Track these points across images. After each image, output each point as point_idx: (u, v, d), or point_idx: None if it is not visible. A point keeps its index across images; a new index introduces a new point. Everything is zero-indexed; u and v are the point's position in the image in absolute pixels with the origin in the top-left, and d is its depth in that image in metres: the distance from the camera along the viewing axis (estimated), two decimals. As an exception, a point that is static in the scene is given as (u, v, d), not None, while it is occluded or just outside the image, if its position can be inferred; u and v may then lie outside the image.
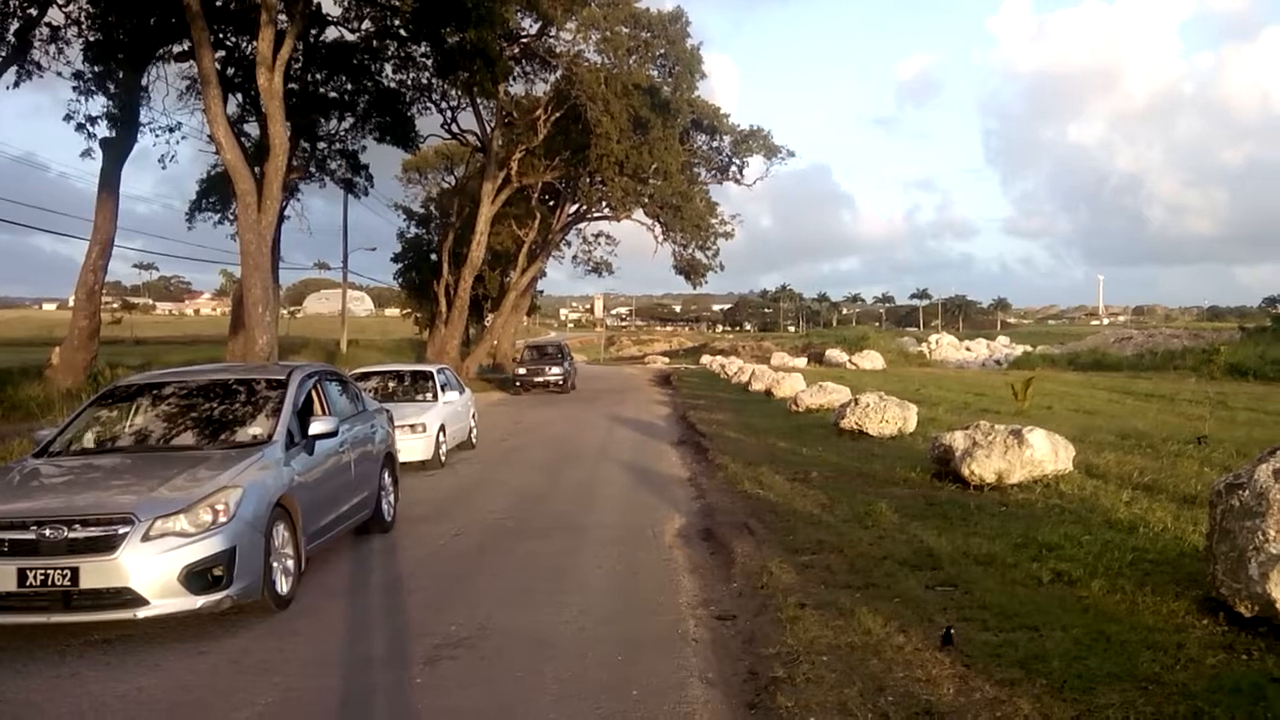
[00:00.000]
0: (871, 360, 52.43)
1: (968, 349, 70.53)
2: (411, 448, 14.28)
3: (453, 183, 54.15)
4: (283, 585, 7.27)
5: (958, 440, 11.54)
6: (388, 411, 11.34)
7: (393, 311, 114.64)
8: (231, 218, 32.56)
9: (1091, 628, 5.92)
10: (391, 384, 17.41)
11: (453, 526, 10.59)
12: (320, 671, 6.05)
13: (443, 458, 15.21)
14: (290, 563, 7.45)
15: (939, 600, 6.74)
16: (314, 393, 9.00)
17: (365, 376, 17.53)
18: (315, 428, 8.21)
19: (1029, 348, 66.54)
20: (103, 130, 25.63)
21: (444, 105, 40.52)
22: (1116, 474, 11.53)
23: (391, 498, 10.48)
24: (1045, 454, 11.03)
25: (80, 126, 25.64)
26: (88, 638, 6.69)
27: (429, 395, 16.45)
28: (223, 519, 6.65)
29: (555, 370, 34.11)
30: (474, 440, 17.96)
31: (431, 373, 17.42)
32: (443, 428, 15.42)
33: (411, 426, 14.43)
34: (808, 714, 4.91)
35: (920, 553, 8.07)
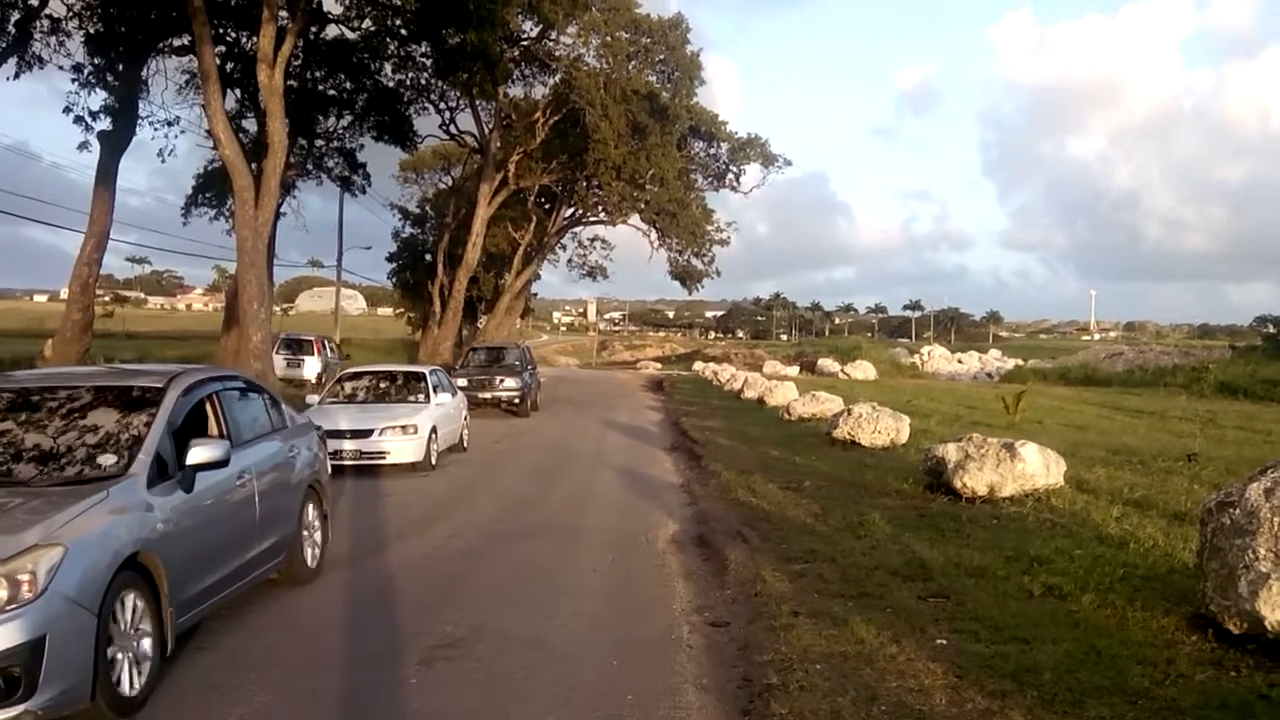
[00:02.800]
0: (864, 370, 52.51)
1: (959, 361, 70.59)
2: (403, 449, 14.34)
3: (449, 183, 54.25)
4: (129, 682, 5.19)
5: (950, 452, 11.60)
6: (317, 428, 9.26)
7: (385, 311, 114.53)
8: (227, 213, 32.65)
9: (1082, 641, 5.98)
10: (384, 384, 17.16)
11: (445, 529, 10.59)
12: None
13: (434, 460, 15.04)
14: (147, 645, 5.36)
15: (931, 611, 6.79)
16: (208, 406, 6.95)
17: (356, 376, 17.53)
18: (195, 455, 6.13)
19: (1020, 361, 66.58)
20: (101, 123, 25.67)
21: (443, 106, 40.66)
22: (1107, 489, 11.59)
23: (318, 536, 8.36)
24: (1037, 468, 11.10)
25: (79, 119, 25.69)
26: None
27: (421, 396, 16.23)
28: (26, 594, 4.59)
29: (509, 384, 25.10)
30: (466, 443, 17.72)
31: (424, 374, 17.11)
32: (434, 429, 15.20)
33: (403, 427, 14.41)
34: (801, 721, 4.94)
35: (913, 563, 8.12)
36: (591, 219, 51.52)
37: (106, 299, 77.63)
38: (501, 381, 24.99)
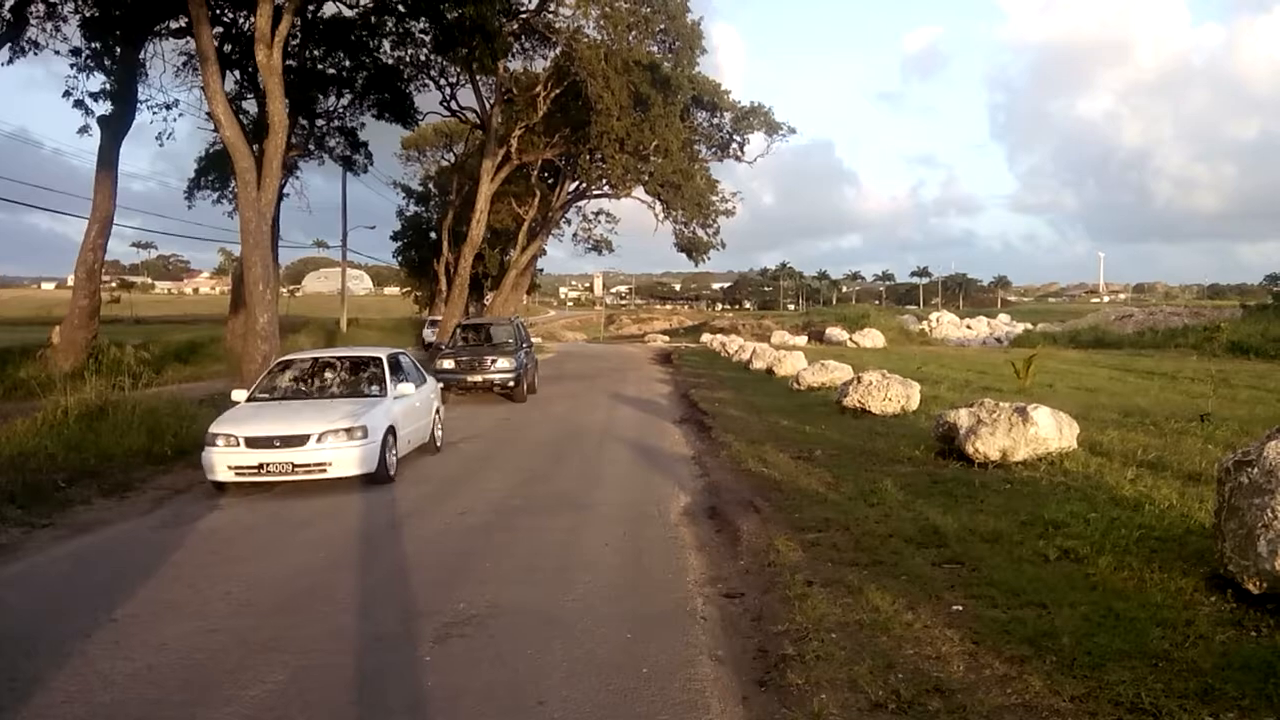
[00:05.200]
0: (872, 338, 52.39)
1: (968, 327, 70.27)
2: (348, 458, 11.28)
3: (452, 160, 54.09)
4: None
5: (962, 418, 11.53)
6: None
7: (392, 290, 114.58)
8: (230, 196, 32.55)
9: (1100, 605, 5.93)
10: (328, 374, 13.78)
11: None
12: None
13: (392, 468, 12.07)
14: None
15: (946, 578, 6.75)
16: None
17: (294, 364, 13.97)
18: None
19: (1029, 325, 66.25)
20: (101, 107, 25.54)
21: (443, 82, 40.36)
22: (1120, 451, 11.52)
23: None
24: (1050, 431, 11.02)
25: (79, 103, 25.56)
26: (95, 619, 6.73)
27: (376, 388, 13.02)
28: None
29: (501, 365, 22.06)
30: (438, 441, 14.86)
31: (380, 359, 13.69)
32: (392, 430, 12.18)
33: (348, 430, 11.33)
34: (818, 691, 4.92)
35: (926, 530, 8.08)
36: (596, 192, 51.24)
37: (113, 284, 77.74)
38: (493, 363, 22.03)
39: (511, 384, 21.92)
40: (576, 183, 50.39)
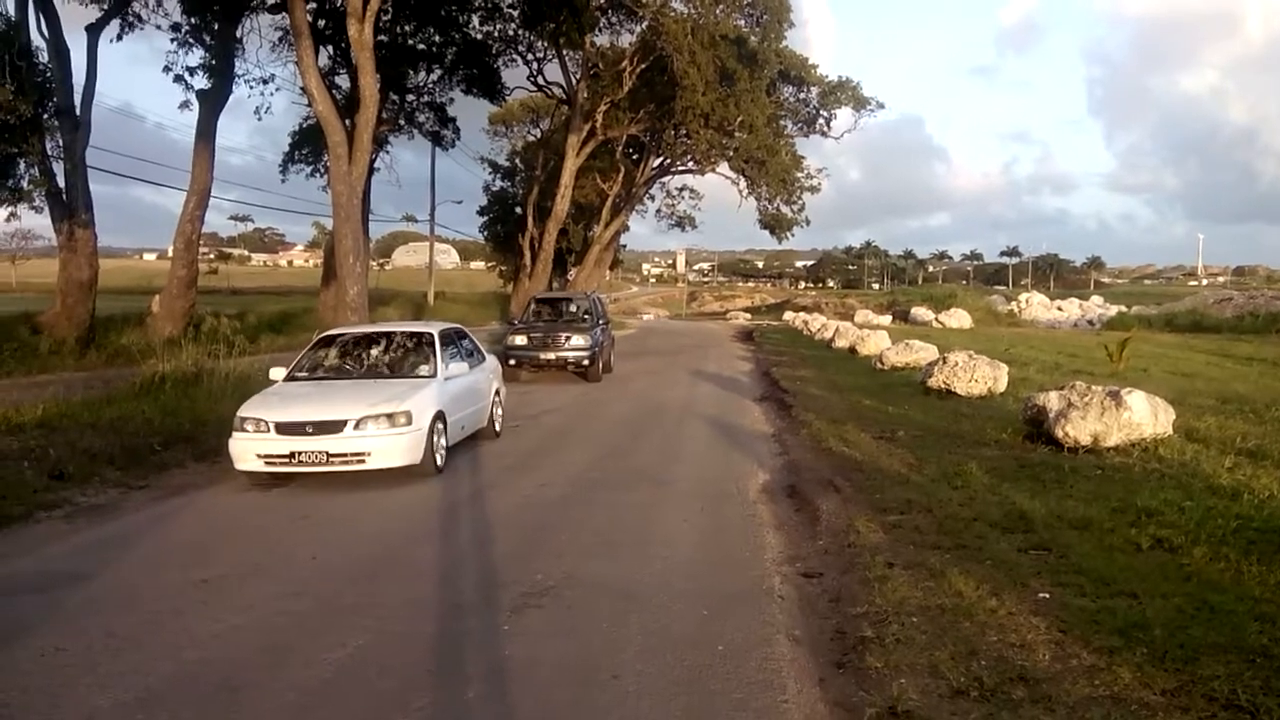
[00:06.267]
0: (958, 319, 51.32)
1: (1059, 309, 68.30)
2: (390, 447, 10.12)
3: (538, 136, 54.31)
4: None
5: (1052, 401, 11.23)
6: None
7: (478, 264, 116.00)
8: (323, 170, 33.18)
9: (1194, 596, 5.73)
10: (374, 351, 12.58)
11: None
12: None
13: (439, 459, 10.88)
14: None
15: (1032, 564, 6.58)
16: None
17: (335, 340, 12.86)
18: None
19: (1123, 308, 64.11)
20: (200, 82, 26.22)
21: (530, 57, 40.55)
22: (1218, 439, 11.09)
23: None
24: (1144, 416, 10.66)
25: (179, 78, 26.33)
26: (185, 579, 6.95)
27: (425, 368, 11.87)
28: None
29: (575, 343, 20.99)
30: (498, 425, 13.69)
31: (431, 335, 12.41)
32: (441, 416, 10.98)
33: (390, 416, 10.14)
34: (898, 675, 4.83)
35: (1012, 515, 7.89)
36: (679, 168, 51.09)
37: (211, 256, 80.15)
38: (567, 340, 20.96)
39: (586, 362, 20.95)
40: (660, 158, 50.30)
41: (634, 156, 50.45)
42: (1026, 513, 7.90)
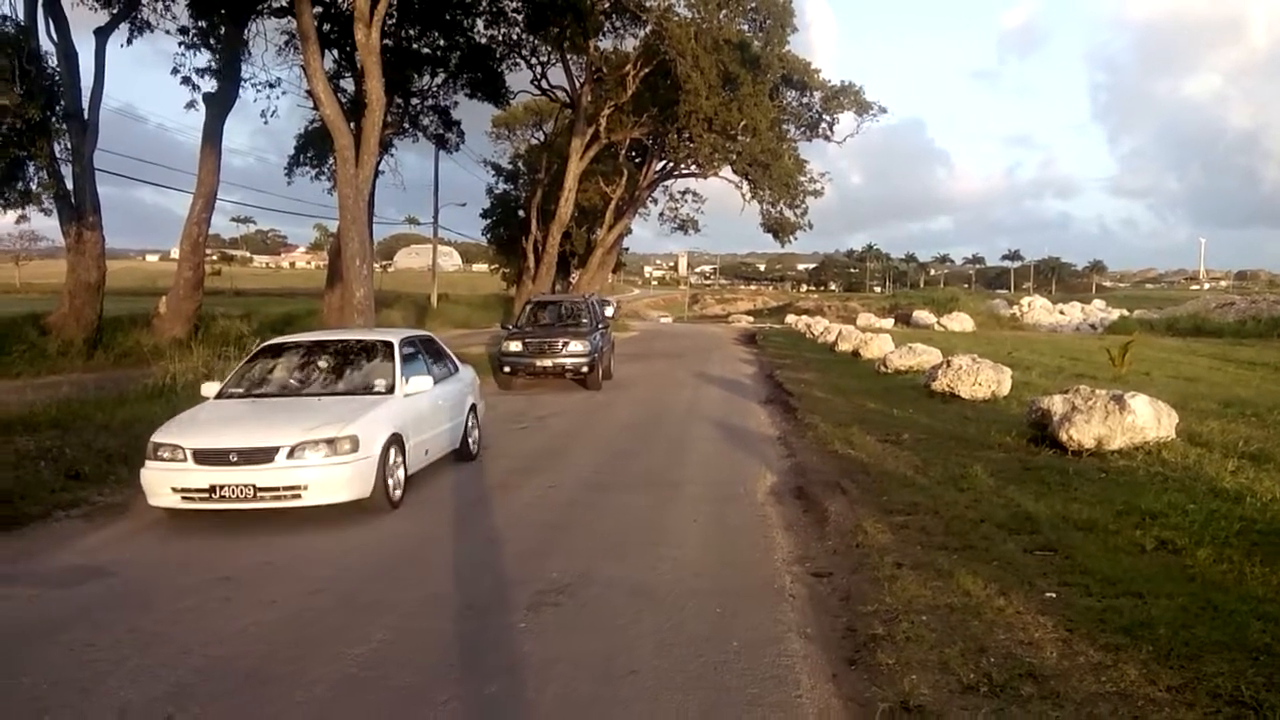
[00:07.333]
0: (961, 322, 51.52)
1: (1061, 312, 68.49)
2: (331, 479, 8.53)
3: (541, 139, 54.54)
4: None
5: (1056, 404, 11.35)
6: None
7: (480, 267, 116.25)
8: (328, 172, 33.32)
9: (1198, 596, 5.84)
10: (321, 364, 10.78)
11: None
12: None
13: (395, 490, 9.27)
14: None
15: (1039, 564, 6.70)
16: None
17: (279, 350, 11.03)
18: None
19: (1125, 312, 64.37)
20: (206, 84, 26.35)
21: (534, 61, 40.71)
22: (1221, 442, 11.20)
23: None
24: (1147, 420, 10.78)
25: (186, 80, 26.42)
26: (207, 576, 7.07)
27: (380, 383, 10.16)
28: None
29: (574, 348, 20.01)
30: (474, 446, 12.03)
31: (390, 344, 10.70)
32: (397, 439, 9.35)
33: (329, 443, 8.56)
34: (909, 671, 4.95)
35: (1018, 517, 8.00)
36: (683, 172, 51.27)
37: (214, 257, 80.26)
38: (565, 345, 19.96)
39: (585, 369, 19.93)
40: (664, 162, 50.50)
41: (637, 160, 50.63)
42: (1032, 514, 8.02)
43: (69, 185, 21.60)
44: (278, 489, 8.40)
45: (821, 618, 6.07)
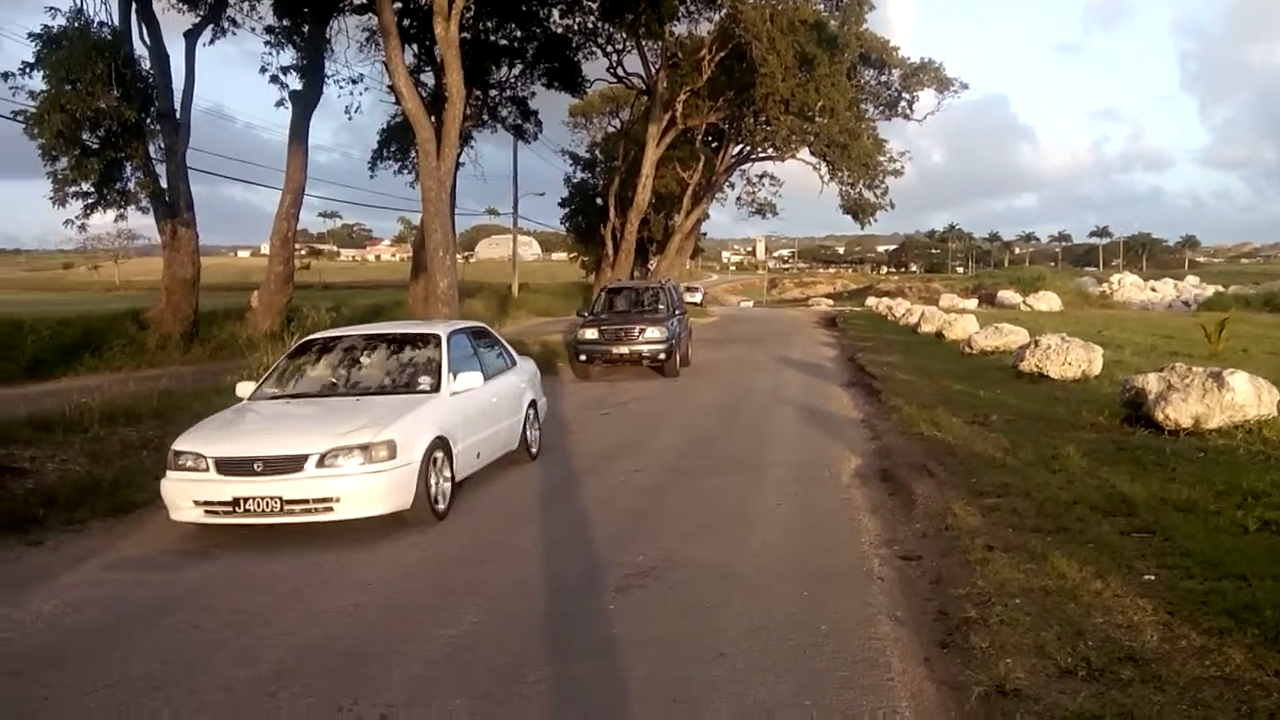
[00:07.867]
0: (1047, 301, 50.23)
1: (1153, 289, 66.39)
2: (365, 490, 7.78)
3: (617, 126, 54.59)
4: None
5: (1151, 383, 11.05)
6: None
7: (559, 255, 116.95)
8: (410, 166, 33.83)
9: (1306, 579, 5.65)
10: (365, 359, 10.11)
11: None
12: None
13: (440, 500, 8.47)
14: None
15: (1136, 546, 6.54)
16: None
17: (322, 346, 10.36)
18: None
19: (1220, 288, 62.18)
20: (292, 82, 26.96)
21: (609, 49, 40.68)
22: (1327, 420, 10.80)
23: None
24: (1247, 398, 10.43)
25: (274, 79, 27.10)
26: (303, 560, 7.29)
27: (425, 381, 9.37)
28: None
29: (651, 335, 19.46)
30: (533, 446, 11.22)
31: (438, 338, 9.87)
32: (442, 443, 8.57)
33: (363, 449, 7.79)
34: (1003, 655, 4.88)
35: (1113, 498, 7.82)
36: (759, 155, 50.86)
37: (303, 252, 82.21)
38: (642, 332, 19.44)
39: (662, 356, 19.37)
40: (740, 146, 50.13)
41: (713, 144, 50.36)
42: (1128, 495, 7.83)
43: (163, 184, 22.29)
44: (307, 501, 7.66)
45: (912, 601, 6.02)
